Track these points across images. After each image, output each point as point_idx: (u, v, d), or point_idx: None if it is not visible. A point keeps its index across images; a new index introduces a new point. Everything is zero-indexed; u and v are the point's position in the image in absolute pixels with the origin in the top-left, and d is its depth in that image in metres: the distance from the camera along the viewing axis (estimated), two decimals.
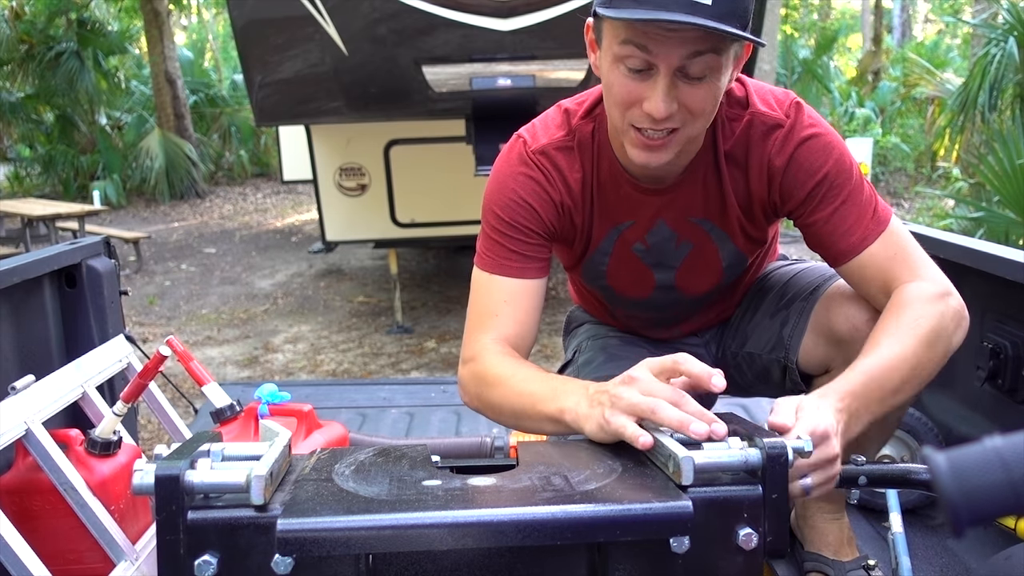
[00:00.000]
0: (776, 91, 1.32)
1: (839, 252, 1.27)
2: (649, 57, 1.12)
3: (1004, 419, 1.78)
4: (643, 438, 0.94)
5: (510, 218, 1.32)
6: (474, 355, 1.28)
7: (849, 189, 1.26)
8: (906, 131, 12.32)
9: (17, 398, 1.48)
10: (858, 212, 1.26)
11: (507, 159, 1.36)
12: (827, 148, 1.27)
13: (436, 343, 5.54)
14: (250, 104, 5.07)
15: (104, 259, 2.08)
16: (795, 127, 1.27)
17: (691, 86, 1.14)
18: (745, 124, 1.29)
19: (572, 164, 1.34)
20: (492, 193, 1.35)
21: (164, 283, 7.80)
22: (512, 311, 1.31)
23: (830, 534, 1.53)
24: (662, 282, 1.46)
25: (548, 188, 1.33)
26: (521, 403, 1.17)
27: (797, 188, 1.28)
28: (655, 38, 1.10)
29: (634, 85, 1.15)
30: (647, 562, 0.87)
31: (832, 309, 1.36)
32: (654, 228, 1.38)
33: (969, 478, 0.61)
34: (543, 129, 1.36)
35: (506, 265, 1.32)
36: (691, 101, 1.15)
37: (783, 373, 1.47)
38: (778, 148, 1.28)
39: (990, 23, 7.53)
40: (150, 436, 3.80)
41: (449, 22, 3.97)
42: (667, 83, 1.13)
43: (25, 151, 14.41)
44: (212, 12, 19.88)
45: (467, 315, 1.36)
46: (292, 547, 0.78)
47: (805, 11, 17.97)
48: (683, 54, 1.10)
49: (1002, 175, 4.91)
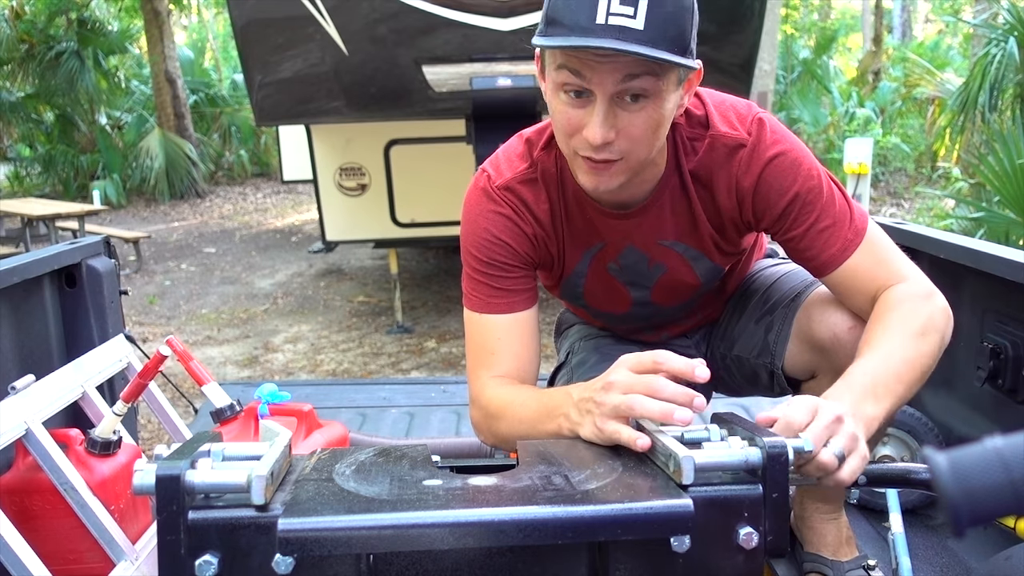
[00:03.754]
0: (738, 105, 1.29)
1: (821, 264, 1.27)
2: (584, 83, 1.11)
3: (1004, 419, 1.78)
4: (640, 440, 0.94)
5: (487, 257, 1.32)
6: (478, 393, 1.31)
7: (822, 203, 1.25)
8: (906, 131, 12.32)
9: (17, 398, 1.48)
10: (834, 224, 1.25)
11: (475, 197, 1.35)
12: (794, 165, 1.25)
13: (436, 343, 5.54)
14: (250, 104, 5.07)
15: (104, 259, 2.08)
16: (759, 146, 1.25)
17: (629, 112, 1.12)
18: (707, 146, 1.27)
19: (538, 196, 1.33)
20: (466, 234, 1.35)
21: (164, 283, 7.80)
22: (508, 347, 1.32)
23: (828, 534, 1.53)
24: (638, 299, 1.46)
25: (519, 222, 1.32)
26: (524, 429, 1.19)
27: (769, 207, 1.27)
28: (588, 64, 1.08)
29: (574, 112, 1.14)
30: (648, 561, 0.87)
31: (813, 317, 1.36)
32: (624, 251, 1.38)
33: (969, 478, 0.61)
34: (506, 162, 1.35)
35: (493, 303, 1.33)
36: (630, 126, 1.13)
37: (770, 378, 1.48)
38: (744, 168, 1.26)
39: (990, 23, 7.53)
40: (150, 436, 3.80)
41: (449, 22, 3.98)
42: (604, 109, 1.11)
43: (25, 151, 14.41)
44: (212, 12, 19.88)
45: (467, 354, 1.37)
46: (293, 547, 0.78)
47: (805, 11, 17.96)
48: (616, 79, 1.09)
49: (1002, 175, 4.91)
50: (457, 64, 4.23)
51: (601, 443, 1.02)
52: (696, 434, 0.94)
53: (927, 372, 1.16)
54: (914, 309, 1.17)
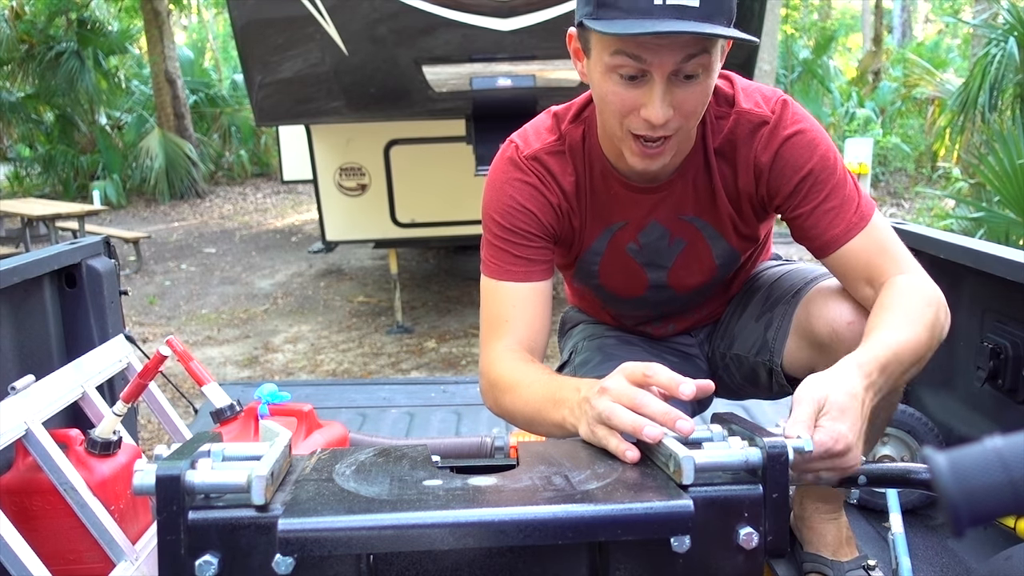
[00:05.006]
0: (764, 89, 1.33)
1: (823, 243, 1.30)
2: (643, 65, 1.12)
3: (1004, 419, 1.78)
4: (630, 452, 0.95)
5: (510, 224, 1.34)
6: (490, 363, 1.31)
7: (833, 183, 1.28)
8: (906, 131, 12.32)
9: (17, 398, 1.48)
10: (841, 206, 1.28)
11: (501, 165, 1.37)
12: (812, 144, 1.28)
13: (436, 343, 5.54)
14: (250, 104, 5.07)
15: (104, 259, 2.08)
16: (780, 124, 1.28)
17: (685, 88, 1.15)
18: (732, 122, 1.30)
19: (565, 168, 1.35)
20: (490, 200, 1.36)
21: (164, 283, 7.79)
22: (522, 315, 1.33)
23: (828, 534, 1.53)
24: (655, 281, 1.47)
25: (545, 191, 1.34)
26: (530, 410, 1.20)
27: (783, 183, 1.30)
28: (648, 47, 1.10)
29: (628, 93, 1.16)
30: (648, 561, 0.87)
31: (812, 312, 1.37)
32: (647, 227, 1.39)
33: (969, 478, 0.61)
34: (535, 134, 1.37)
35: (511, 271, 1.34)
36: (686, 102, 1.16)
37: (769, 375, 1.48)
38: (764, 145, 1.29)
39: (990, 23, 7.53)
40: (150, 436, 3.80)
41: (449, 22, 3.97)
42: (663, 88, 1.13)
43: (25, 151, 14.40)
44: (212, 12, 19.88)
45: (480, 322, 1.38)
46: (293, 547, 0.78)
47: (805, 11, 17.96)
48: (677, 59, 1.11)
49: (1002, 175, 4.91)
50: (457, 64, 4.22)
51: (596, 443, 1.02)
52: (696, 434, 0.94)
53: (926, 358, 1.17)
54: (923, 300, 1.19)
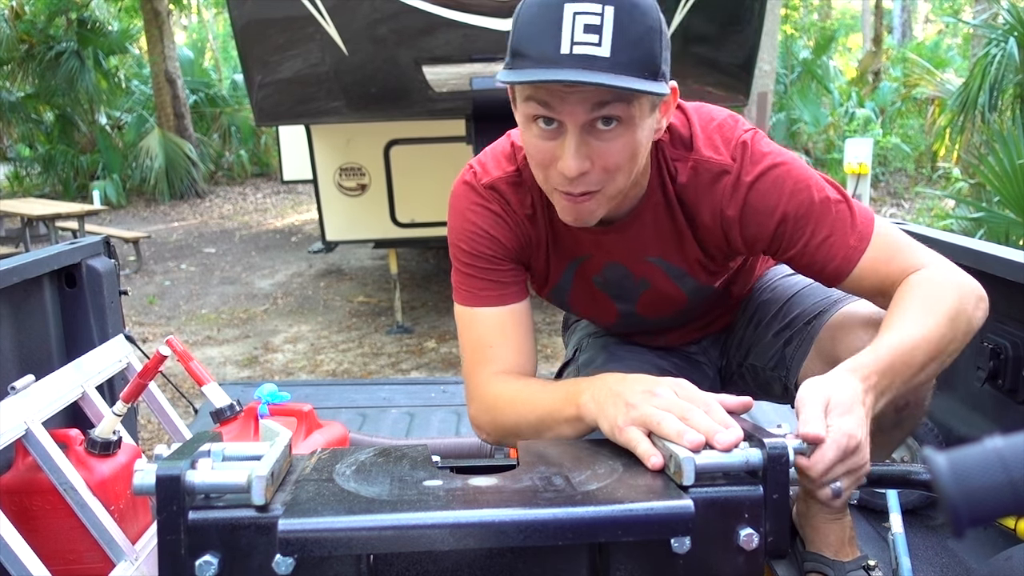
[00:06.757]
0: (724, 125, 1.25)
1: (828, 276, 1.24)
2: (553, 114, 1.08)
3: (1004, 419, 1.78)
4: (654, 458, 0.92)
5: (475, 250, 1.30)
6: (483, 386, 1.27)
7: (816, 215, 1.21)
8: (906, 131, 12.32)
9: (17, 398, 1.48)
10: (833, 234, 1.21)
11: (461, 191, 1.33)
12: (777, 183, 1.21)
13: (436, 343, 5.54)
14: (250, 104, 5.07)
15: (104, 259, 2.08)
16: (742, 172, 1.22)
17: (604, 141, 1.09)
18: (691, 169, 1.24)
19: (523, 199, 1.31)
20: (453, 227, 1.33)
21: (164, 283, 7.80)
22: (504, 340, 1.28)
23: (831, 534, 1.53)
24: (624, 311, 1.45)
25: (505, 217, 1.31)
26: (537, 414, 1.16)
27: (760, 231, 1.24)
28: (556, 95, 1.06)
29: (546, 145, 1.11)
30: (648, 562, 0.87)
31: (837, 337, 1.34)
32: (607, 265, 1.36)
33: (969, 479, 0.61)
34: (493, 161, 1.33)
35: (484, 296, 1.30)
36: (605, 155, 1.09)
37: (784, 390, 1.47)
38: (728, 197, 1.23)
39: (990, 23, 7.53)
40: (150, 436, 3.80)
41: (449, 22, 3.98)
42: (576, 140, 1.08)
43: (25, 151, 14.41)
44: (212, 12, 19.88)
45: (462, 353, 1.33)
46: (293, 547, 0.78)
47: (805, 11, 17.96)
48: (586, 109, 1.06)
49: (1002, 175, 4.91)
50: (457, 64, 4.22)
51: (612, 440, 1.01)
52: None
53: (951, 357, 1.14)
54: (942, 290, 1.14)
